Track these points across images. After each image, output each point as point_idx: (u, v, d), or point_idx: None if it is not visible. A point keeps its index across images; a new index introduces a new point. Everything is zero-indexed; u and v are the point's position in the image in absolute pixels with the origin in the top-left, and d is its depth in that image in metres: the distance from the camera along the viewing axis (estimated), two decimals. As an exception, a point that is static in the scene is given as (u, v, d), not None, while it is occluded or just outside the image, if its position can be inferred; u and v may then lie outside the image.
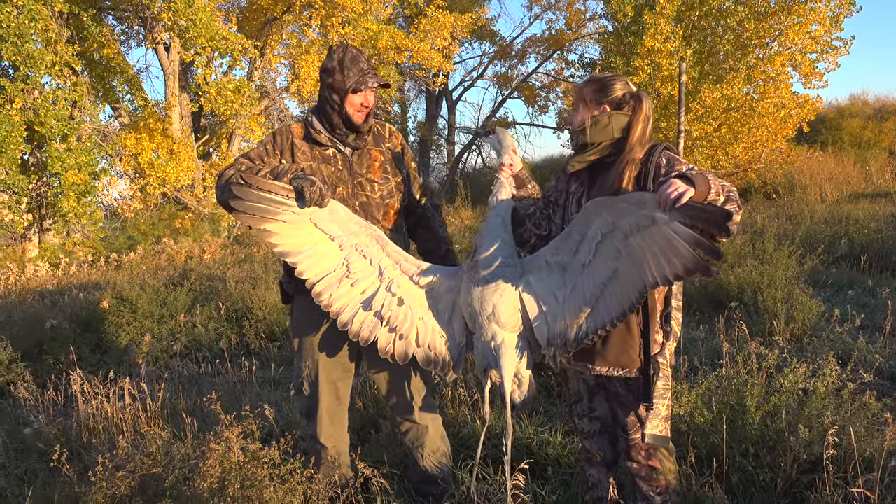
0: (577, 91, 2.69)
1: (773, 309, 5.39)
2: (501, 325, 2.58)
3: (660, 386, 2.50)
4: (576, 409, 2.84)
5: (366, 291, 2.72)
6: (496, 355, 2.60)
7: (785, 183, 13.97)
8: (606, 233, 2.35)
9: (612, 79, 2.63)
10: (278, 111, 17.77)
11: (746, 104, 13.39)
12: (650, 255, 2.21)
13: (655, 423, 2.51)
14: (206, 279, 8.37)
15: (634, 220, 2.23)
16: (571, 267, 2.48)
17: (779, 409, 3.21)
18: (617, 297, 2.34)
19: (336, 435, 3.19)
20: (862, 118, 21.24)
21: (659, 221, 2.16)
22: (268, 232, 2.64)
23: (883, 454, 2.84)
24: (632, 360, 2.54)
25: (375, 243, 2.74)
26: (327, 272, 2.70)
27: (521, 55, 25.11)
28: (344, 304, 2.69)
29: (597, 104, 2.59)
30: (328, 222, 2.70)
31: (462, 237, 12.81)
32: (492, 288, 2.56)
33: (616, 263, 2.34)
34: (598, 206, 2.35)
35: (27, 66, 11.38)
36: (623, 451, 2.74)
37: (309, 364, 3.09)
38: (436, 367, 2.75)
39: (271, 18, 15.94)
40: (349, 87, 2.88)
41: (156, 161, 14.66)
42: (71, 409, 4.53)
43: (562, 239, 2.51)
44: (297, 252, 2.67)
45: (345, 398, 3.22)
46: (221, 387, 5.03)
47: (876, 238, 7.91)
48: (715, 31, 13.99)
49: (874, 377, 3.61)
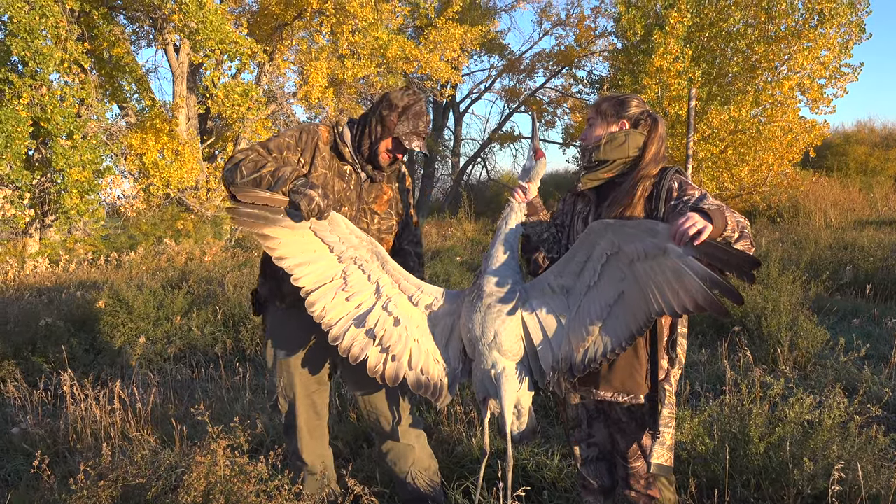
0: (595, 106, 2.63)
1: (777, 335, 5.31)
2: (503, 352, 2.48)
3: (665, 414, 2.43)
4: (574, 435, 2.76)
5: (361, 307, 2.62)
6: (496, 384, 2.51)
7: (789, 207, 13.92)
8: (611, 255, 2.28)
9: (630, 97, 2.59)
10: (285, 116, 17.75)
11: (753, 127, 13.37)
12: (655, 285, 2.16)
13: (661, 452, 2.43)
14: (204, 282, 8.30)
15: (642, 247, 2.17)
16: (576, 289, 2.40)
17: (783, 441, 3.13)
18: (625, 319, 2.27)
19: (317, 450, 3.12)
20: (868, 145, 21.23)
21: (671, 254, 2.11)
22: (266, 237, 2.56)
23: (891, 493, 2.76)
24: (638, 386, 2.47)
25: (375, 259, 2.65)
26: (324, 282, 2.60)
27: (530, 70, 25.13)
28: (337, 317, 2.59)
29: (616, 118, 2.53)
30: (328, 233, 2.62)
31: (464, 249, 12.76)
32: (494, 314, 2.46)
33: (622, 286, 2.27)
34: (604, 228, 2.28)
35: (36, 63, 11.36)
36: (622, 479, 2.66)
37: (284, 379, 3.01)
38: (426, 391, 2.64)
39: (282, 24, 15.94)
40: (396, 133, 2.83)
41: (160, 161, 14.61)
42: (60, 411, 4.46)
43: (565, 261, 2.43)
44: (295, 259, 2.59)
45: (323, 411, 3.14)
46: (214, 393, 4.96)
47: (881, 266, 7.84)
48: (724, 53, 13.99)
49: (882, 411, 3.52)
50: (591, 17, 23.29)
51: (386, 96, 2.88)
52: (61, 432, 4.16)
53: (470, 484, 3.35)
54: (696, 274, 2.07)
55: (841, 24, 13.05)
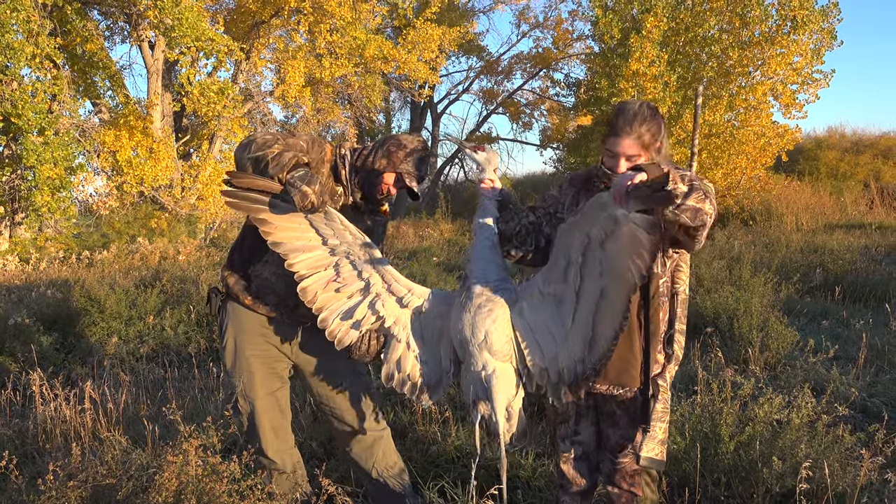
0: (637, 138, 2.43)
1: (749, 336, 5.39)
2: (493, 353, 2.44)
3: (658, 409, 2.47)
4: (559, 431, 2.77)
5: (351, 298, 2.66)
6: (487, 386, 2.47)
7: (762, 210, 14.13)
8: (585, 249, 2.29)
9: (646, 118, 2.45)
10: (262, 115, 17.62)
11: (727, 131, 13.57)
12: (624, 256, 2.18)
13: (651, 445, 2.47)
14: (178, 281, 8.21)
15: (601, 227, 2.21)
16: (567, 297, 2.38)
17: (753, 440, 3.18)
18: (609, 317, 2.27)
19: (284, 448, 3.09)
20: (839, 150, 21.63)
21: (621, 220, 2.14)
22: (263, 221, 2.62)
23: (856, 490, 2.81)
24: (632, 379, 2.50)
25: (368, 257, 2.66)
26: (317, 269, 2.66)
27: (508, 71, 25.23)
28: (326, 305, 2.63)
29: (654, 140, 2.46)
30: (323, 225, 2.66)
31: (441, 249, 12.77)
32: (484, 313, 2.43)
33: (602, 281, 2.28)
34: (571, 224, 2.31)
35: (6, 57, 11.14)
36: (605, 475, 2.67)
37: (245, 378, 2.98)
38: (401, 387, 2.64)
39: (259, 22, 15.82)
40: (399, 169, 2.84)
41: (134, 159, 14.43)
42: (29, 411, 4.39)
43: (549, 267, 2.43)
44: (290, 244, 2.64)
45: (286, 409, 3.13)
46: (187, 392, 4.90)
47: (850, 269, 7.99)
48: (699, 58, 14.19)
49: (848, 410, 3.59)
50: (569, 20, 23.50)
51: (396, 136, 2.94)
52: (30, 433, 4.09)
53: (445, 483, 3.36)
54: (641, 225, 2.09)
55: (813, 31, 13.31)
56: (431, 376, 2.66)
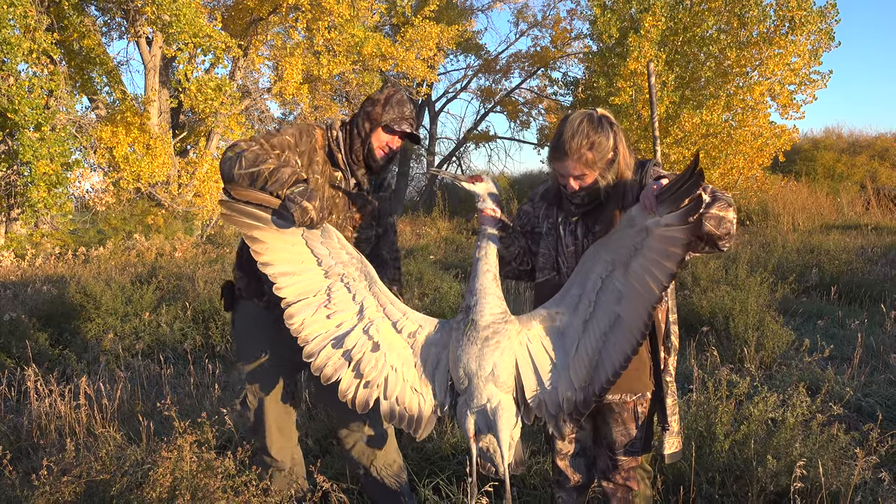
0: (579, 159, 2.37)
1: (745, 335, 5.40)
2: (499, 384, 2.41)
3: (669, 403, 2.49)
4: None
5: (341, 326, 2.52)
6: (493, 418, 2.42)
7: (759, 210, 14.16)
8: (606, 276, 2.28)
9: (594, 133, 2.38)
10: (259, 112, 17.60)
11: (725, 131, 13.58)
12: (653, 266, 2.15)
13: (671, 441, 2.50)
14: (174, 278, 8.20)
15: (631, 242, 2.18)
16: (572, 326, 2.36)
17: (748, 438, 3.19)
18: (620, 343, 2.26)
19: (287, 446, 3.10)
20: (836, 151, 21.65)
21: (652, 228, 2.12)
22: (255, 239, 2.50)
23: (850, 489, 2.82)
24: (644, 385, 2.53)
25: (364, 279, 2.56)
26: (306, 295, 2.52)
27: (506, 70, 25.19)
28: (315, 333, 2.50)
29: (601, 158, 2.40)
30: (319, 244, 2.55)
31: (437, 248, 12.76)
32: (492, 345, 2.38)
33: (618, 308, 2.26)
34: (595, 251, 2.31)
35: (3, 52, 11.10)
36: (601, 471, 2.68)
37: (255, 374, 2.98)
38: (400, 422, 2.53)
39: (257, 19, 15.79)
40: (384, 122, 2.82)
41: (131, 155, 14.39)
42: (24, 407, 4.38)
43: (560, 297, 2.41)
44: (281, 267, 2.51)
45: (292, 409, 3.13)
46: (183, 389, 4.90)
47: (846, 269, 8.01)
48: (697, 58, 14.20)
49: (843, 409, 3.60)
50: (567, 19, 23.45)
51: (367, 97, 2.92)
52: (24, 428, 4.08)
53: (440, 481, 3.36)
54: (673, 222, 2.06)
55: (811, 32, 13.33)
56: (426, 409, 2.57)
